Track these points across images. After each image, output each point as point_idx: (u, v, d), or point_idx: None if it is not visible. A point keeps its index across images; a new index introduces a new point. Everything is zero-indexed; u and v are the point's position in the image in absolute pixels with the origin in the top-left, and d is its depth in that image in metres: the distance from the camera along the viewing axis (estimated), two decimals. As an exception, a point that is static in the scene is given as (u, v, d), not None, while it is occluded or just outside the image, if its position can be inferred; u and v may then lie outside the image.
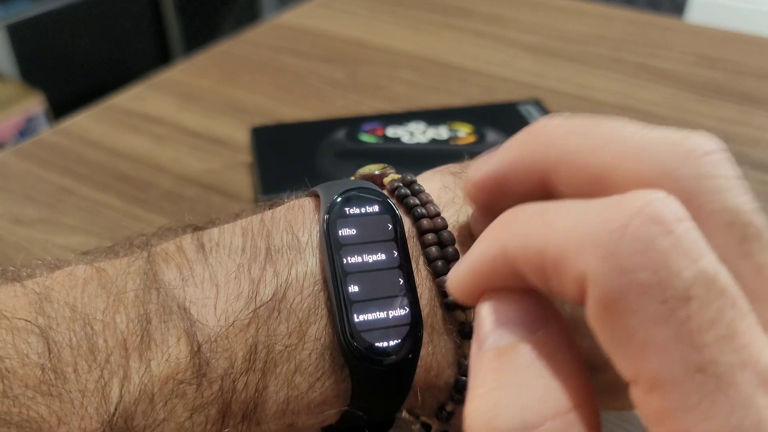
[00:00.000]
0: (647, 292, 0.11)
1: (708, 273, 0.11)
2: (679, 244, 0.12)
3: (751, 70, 0.54)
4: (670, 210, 0.12)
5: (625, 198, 0.12)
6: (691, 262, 0.11)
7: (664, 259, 0.11)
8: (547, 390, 0.13)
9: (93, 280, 0.17)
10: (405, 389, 0.18)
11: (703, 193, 0.13)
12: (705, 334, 0.11)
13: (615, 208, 0.12)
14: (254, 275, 0.17)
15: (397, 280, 0.18)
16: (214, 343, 0.17)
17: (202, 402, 0.16)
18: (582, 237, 0.12)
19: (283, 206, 0.19)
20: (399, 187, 0.19)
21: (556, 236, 0.13)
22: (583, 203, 0.13)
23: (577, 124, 0.15)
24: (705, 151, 0.14)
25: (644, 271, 0.11)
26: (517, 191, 0.16)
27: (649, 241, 0.11)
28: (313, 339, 0.17)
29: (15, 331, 0.16)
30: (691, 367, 0.11)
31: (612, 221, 0.12)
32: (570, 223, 0.13)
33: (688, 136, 0.14)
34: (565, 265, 0.12)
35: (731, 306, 0.12)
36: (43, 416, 0.15)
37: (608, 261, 0.12)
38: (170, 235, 0.19)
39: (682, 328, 0.11)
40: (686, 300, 0.11)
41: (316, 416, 0.18)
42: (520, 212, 0.14)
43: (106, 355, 0.16)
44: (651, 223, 0.12)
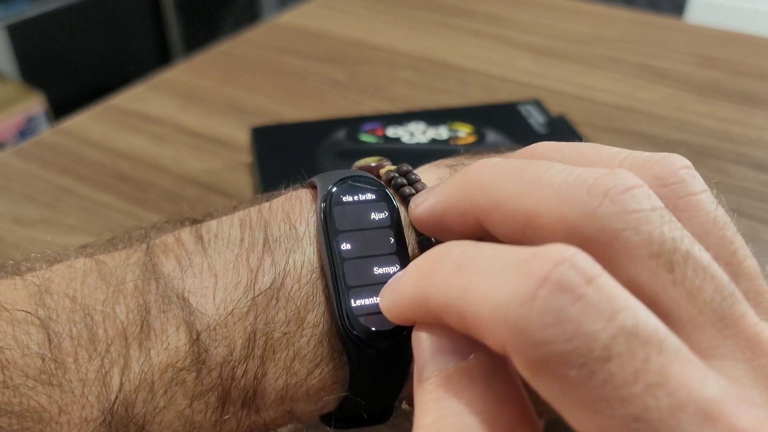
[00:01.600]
0: (565, 361, 0.11)
1: (626, 327, 0.12)
2: (590, 308, 0.11)
3: (751, 70, 0.54)
4: (578, 272, 0.12)
5: (532, 262, 0.12)
6: (606, 321, 0.11)
7: (576, 327, 0.11)
8: (484, 416, 0.13)
9: (92, 272, 0.17)
10: (403, 374, 0.18)
11: (625, 228, 0.13)
12: (632, 387, 0.11)
13: (523, 277, 0.12)
14: (252, 265, 0.18)
15: (394, 265, 0.18)
16: (213, 331, 0.17)
17: (202, 389, 0.17)
18: (494, 311, 0.12)
19: (280, 198, 0.20)
20: (395, 177, 0.20)
21: (471, 303, 0.13)
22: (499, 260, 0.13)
23: (507, 170, 0.15)
24: (624, 188, 0.14)
25: (558, 342, 0.11)
26: (456, 230, 0.17)
27: (558, 311, 0.11)
28: (312, 326, 0.17)
29: (15, 322, 0.16)
30: (627, 420, 0.11)
31: (520, 294, 0.12)
32: (483, 292, 0.13)
33: (605, 176, 0.14)
34: (483, 332, 0.13)
35: (657, 353, 0.12)
36: (44, 406, 0.16)
37: (521, 336, 0.12)
38: (169, 228, 0.19)
39: (606, 387, 0.11)
40: (606, 360, 0.11)
41: (315, 403, 0.18)
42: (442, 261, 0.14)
43: (106, 344, 0.16)
44: (558, 291, 0.12)
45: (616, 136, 0.45)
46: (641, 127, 0.46)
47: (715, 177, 0.41)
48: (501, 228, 0.15)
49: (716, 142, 0.45)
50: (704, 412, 0.11)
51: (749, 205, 0.38)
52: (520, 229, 0.15)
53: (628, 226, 0.13)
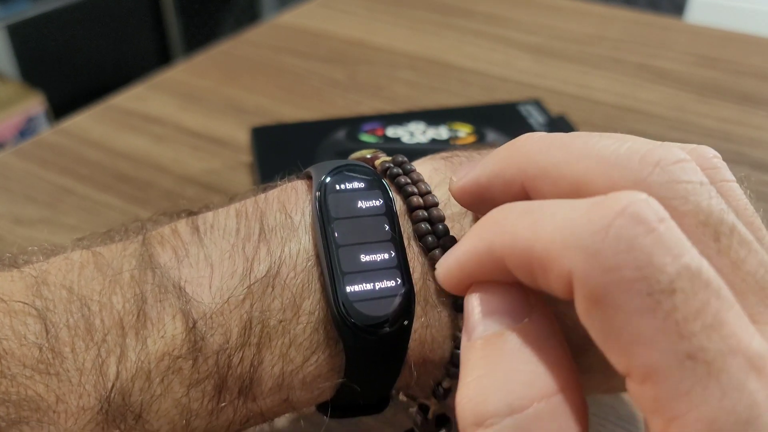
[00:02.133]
0: (632, 288, 0.12)
1: (692, 267, 0.12)
2: (661, 242, 0.12)
3: (751, 70, 0.54)
4: (652, 210, 0.12)
5: (608, 199, 0.13)
6: (674, 257, 0.12)
7: (647, 257, 0.12)
8: (533, 375, 0.14)
9: (89, 264, 0.18)
10: (399, 361, 0.18)
11: (675, 197, 0.14)
12: (692, 324, 0.12)
13: (598, 209, 0.13)
14: (248, 253, 0.18)
15: (389, 252, 0.18)
16: (209, 319, 0.17)
17: (198, 377, 0.17)
18: (567, 237, 0.13)
19: (276, 188, 0.20)
20: (390, 168, 0.20)
21: (542, 236, 0.13)
22: (569, 203, 0.13)
23: (554, 139, 0.16)
24: (674, 159, 0.14)
25: (628, 269, 0.12)
26: (499, 200, 0.17)
27: (631, 240, 0.12)
28: (308, 313, 0.17)
29: (12, 313, 0.16)
30: (680, 356, 0.12)
31: (595, 222, 0.12)
32: (555, 223, 0.13)
33: (656, 147, 0.14)
34: (551, 264, 0.13)
35: (716, 297, 0.12)
36: (41, 395, 0.16)
37: (592, 260, 0.12)
38: (165, 221, 0.19)
39: (668, 319, 0.12)
40: (671, 292, 0.12)
41: (312, 391, 0.18)
42: (508, 211, 0.15)
43: (102, 334, 0.16)
44: (633, 222, 0.12)
45: (616, 136, 0.45)
46: (641, 127, 0.46)
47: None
48: (548, 197, 0.15)
49: (716, 142, 0.45)
50: (751, 362, 0.12)
51: (749, 205, 0.38)
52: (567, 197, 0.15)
53: (678, 195, 0.14)
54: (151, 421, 0.17)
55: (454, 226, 0.19)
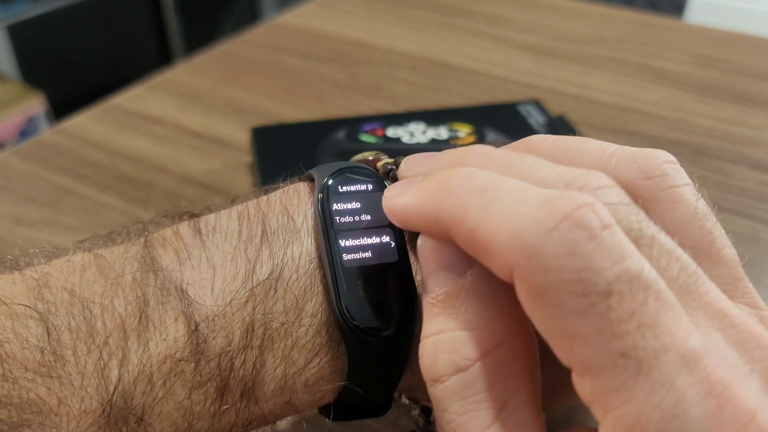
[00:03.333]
0: (569, 289, 0.12)
1: (631, 271, 0.13)
2: (602, 248, 0.13)
3: (751, 70, 0.54)
4: (597, 217, 0.13)
5: (558, 199, 0.13)
6: (613, 262, 0.13)
7: (586, 261, 0.12)
8: (475, 333, 0.15)
9: (91, 266, 0.17)
10: (401, 363, 0.18)
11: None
12: (626, 324, 0.12)
13: (547, 210, 0.13)
14: (250, 256, 0.18)
15: (391, 255, 0.18)
16: (211, 322, 0.17)
17: (201, 380, 0.17)
18: (512, 232, 0.13)
19: (278, 191, 0.20)
20: (393, 170, 0.20)
21: (489, 224, 0.14)
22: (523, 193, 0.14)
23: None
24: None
25: (566, 271, 0.13)
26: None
27: (573, 244, 0.13)
28: (310, 315, 0.17)
29: (14, 316, 0.16)
30: (614, 353, 0.12)
31: (542, 223, 0.13)
32: (504, 214, 0.14)
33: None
34: (494, 252, 0.14)
35: (655, 299, 0.13)
36: (43, 398, 0.16)
37: (534, 260, 0.13)
38: (167, 223, 0.19)
39: (602, 319, 0.12)
40: (607, 294, 0.12)
41: (314, 393, 0.18)
42: (465, 182, 0.15)
43: (104, 337, 0.16)
44: (577, 228, 0.13)
45: (615, 136, 0.45)
46: (641, 127, 0.46)
47: (714, 177, 0.41)
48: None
49: (716, 142, 0.45)
50: (684, 359, 0.12)
51: (749, 205, 0.38)
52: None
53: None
54: (153, 424, 0.16)
55: None
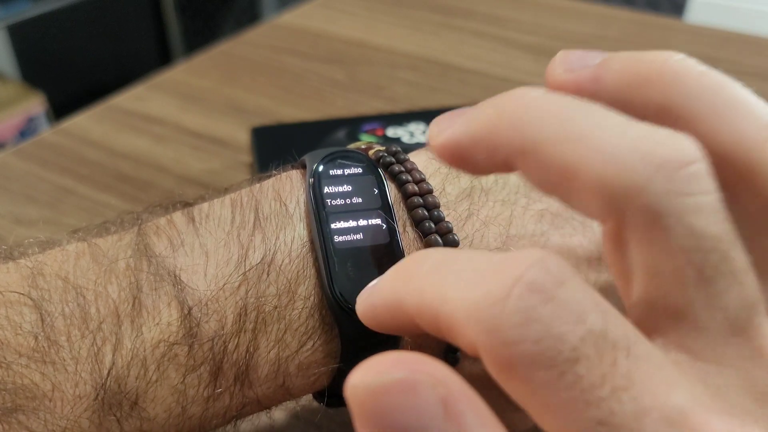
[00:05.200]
0: (534, 361, 0.11)
1: (595, 331, 0.11)
2: (560, 310, 0.11)
3: (751, 70, 0.54)
4: (549, 275, 0.12)
5: (507, 263, 0.12)
6: (574, 324, 0.11)
7: (545, 328, 0.11)
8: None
9: (85, 254, 0.18)
10: (394, 345, 0.18)
11: (669, 214, 0.12)
12: (599, 390, 0.11)
13: (497, 277, 0.12)
14: (243, 241, 0.18)
15: (384, 237, 0.18)
16: (204, 306, 0.17)
17: (194, 364, 0.17)
18: (468, 309, 0.12)
19: (271, 178, 0.20)
20: (384, 156, 0.20)
21: (446, 304, 0.13)
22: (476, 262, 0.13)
23: (551, 107, 0.14)
24: (681, 162, 0.12)
25: (527, 342, 0.11)
26: (481, 165, 0.15)
27: (528, 311, 0.11)
28: (303, 298, 0.18)
29: (8, 303, 0.16)
30: (591, 422, 0.11)
31: (493, 293, 0.12)
32: (458, 291, 0.12)
33: (665, 142, 0.13)
34: (456, 333, 0.12)
35: (625, 356, 0.11)
36: (37, 383, 0.16)
37: (492, 335, 0.12)
38: (160, 212, 0.19)
39: (574, 389, 0.11)
40: (574, 362, 0.11)
41: (308, 377, 0.18)
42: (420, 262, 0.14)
43: (98, 322, 0.16)
44: (529, 292, 0.11)
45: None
46: (641, 127, 0.46)
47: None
48: (534, 175, 0.14)
49: (716, 142, 0.45)
50: (668, 419, 0.11)
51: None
52: (555, 182, 0.13)
53: (673, 212, 0.12)
54: (147, 408, 0.17)
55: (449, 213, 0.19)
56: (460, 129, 0.15)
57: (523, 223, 0.19)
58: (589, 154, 0.13)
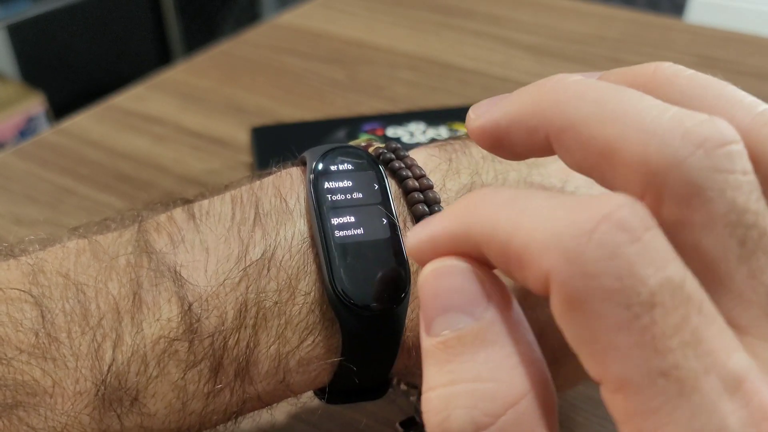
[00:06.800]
0: (611, 298, 0.11)
1: (674, 280, 0.11)
2: (645, 252, 0.11)
3: (751, 69, 0.54)
4: (638, 217, 0.12)
5: (594, 201, 0.12)
6: (656, 269, 0.11)
7: (629, 266, 0.11)
8: (496, 385, 0.13)
9: (85, 251, 0.18)
10: (395, 339, 0.18)
11: (711, 188, 0.13)
12: (669, 340, 0.11)
13: (583, 211, 0.12)
14: (243, 237, 0.18)
15: (385, 232, 0.18)
16: (204, 302, 0.17)
17: (194, 360, 0.17)
18: (548, 236, 0.12)
19: (271, 175, 0.20)
20: (384, 153, 0.20)
21: (522, 230, 0.12)
22: (556, 199, 0.13)
23: (590, 90, 0.14)
24: (721, 142, 0.13)
25: (608, 277, 0.11)
26: (519, 148, 0.16)
27: (614, 247, 0.11)
28: (304, 294, 0.18)
29: (9, 300, 0.16)
30: (654, 372, 0.11)
31: (579, 224, 0.12)
32: (538, 219, 0.12)
33: (704, 123, 0.13)
34: (528, 260, 0.12)
35: (697, 313, 0.11)
36: (38, 379, 0.16)
37: (572, 264, 0.12)
38: (161, 209, 0.19)
39: (645, 334, 0.11)
40: (651, 306, 0.11)
41: (308, 373, 0.18)
42: (491, 196, 0.14)
43: (98, 319, 0.16)
44: (618, 229, 0.11)
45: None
46: (641, 127, 0.46)
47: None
48: (573, 154, 0.14)
49: (716, 142, 0.45)
50: (725, 382, 0.11)
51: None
52: (594, 160, 0.14)
53: (715, 186, 0.13)
54: (147, 404, 0.17)
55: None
56: (500, 111, 0.16)
57: None
58: (631, 132, 0.13)
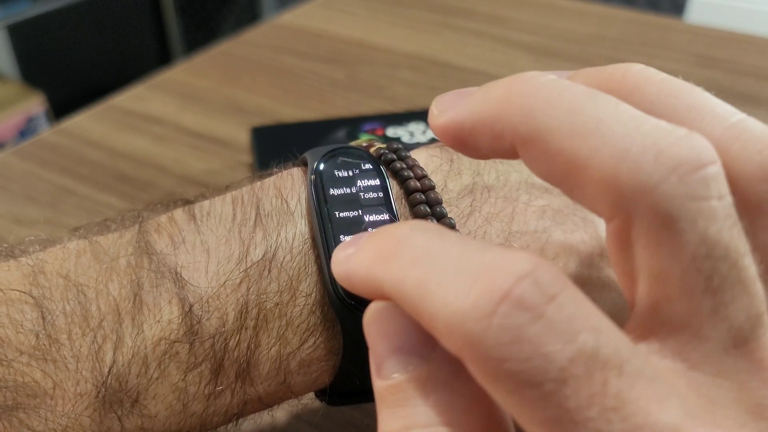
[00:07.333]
0: (520, 380, 0.11)
1: (585, 351, 0.11)
2: (549, 328, 0.11)
3: (751, 70, 0.54)
4: (540, 288, 0.11)
5: (495, 272, 0.11)
6: (564, 343, 0.11)
7: (533, 348, 0.11)
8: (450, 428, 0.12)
9: (86, 252, 0.18)
10: None
11: (684, 218, 0.12)
12: (587, 411, 0.11)
13: (483, 289, 0.11)
14: (244, 238, 0.18)
15: None
16: (205, 303, 0.17)
17: (195, 361, 0.17)
18: (450, 318, 0.11)
19: (272, 176, 0.20)
20: (385, 153, 0.20)
21: (426, 305, 0.12)
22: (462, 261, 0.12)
23: (561, 96, 0.13)
24: (696, 165, 0.12)
25: (514, 362, 0.11)
26: (483, 150, 0.15)
27: (516, 330, 0.11)
28: (304, 295, 0.18)
29: (9, 302, 0.16)
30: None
31: (479, 308, 0.11)
32: (440, 295, 0.12)
33: (680, 141, 0.12)
34: (438, 335, 0.12)
35: (617, 376, 0.11)
36: (38, 381, 0.16)
37: (477, 351, 0.11)
38: (161, 209, 0.19)
39: (560, 410, 0.11)
40: (562, 382, 0.11)
41: (309, 374, 0.18)
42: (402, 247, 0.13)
43: (98, 320, 0.16)
44: (518, 310, 0.11)
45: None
46: (641, 127, 0.46)
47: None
48: (539, 164, 0.13)
49: (716, 142, 0.45)
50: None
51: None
52: (561, 174, 0.13)
53: (687, 216, 0.12)
54: (148, 406, 0.17)
55: (452, 210, 0.19)
56: (464, 110, 0.15)
57: (525, 220, 0.19)
58: (601, 148, 0.12)
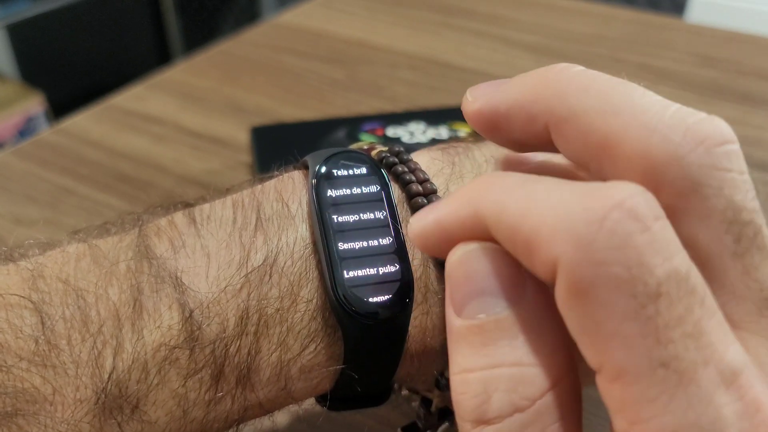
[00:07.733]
0: (619, 287, 0.11)
1: (680, 272, 0.12)
2: (654, 242, 0.11)
3: (751, 70, 0.54)
4: (648, 206, 0.12)
5: (606, 188, 0.12)
6: (664, 260, 0.11)
7: (638, 256, 0.11)
8: (534, 369, 0.13)
9: (86, 256, 0.17)
10: (398, 347, 0.18)
11: (709, 185, 0.13)
12: (671, 331, 0.11)
13: (595, 198, 0.12)
14: (245, 243, 0.18)
15: (387, 238, 0.18)
16: (205, 309, 0.17)
17: (195, 367, 0.17)
18: (559, 222, 0.12)
19: (273, 179, 0.20)
20: (387, 157, 0.20)
21: (533, 215, 0.12)
22: (566, 185, 0.13)
23: (593, 81, 0.14)
24: (721, 140, 0.13)
25: (618, 266, 0.11)
26: (516, 135, 0.16)
27: (625, 236, 0.11)
28: (306, 301, 0.17)
29: (8, 306, 0.16)
30: (654, 362, 0.11)
31: (591, 211, 0.12)
32: (548, 204, 0.12)
33: (704, 120, 0.13)
34: (537, 245, 0.12)
35: (699, 305, 0.12)
36: (38, 387, 0.16)
37: (582, 251, 0.12)
38: (161, 213, 0.19)
39: (649, 324, 0.11)
40: (657, 296, 0.11)
41: (310, 380, 0.18)
42: (500, 179, 0.14)
43: (98, 325, 0.16)
44: (629, 218, 0.12)
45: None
46: (641, 127, 0.46)
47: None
48: (572, 144, 0.14)
49: (716, 142, 0.45)
50: (723, 375, 0.11)
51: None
52: (593, 151, 0.14)
53: (714, 183, 0.13)
54: (148, 412, 0.16)
55: None
56: (500, 96, 0.16)
57: None
58: (633, 126, 0.13)
